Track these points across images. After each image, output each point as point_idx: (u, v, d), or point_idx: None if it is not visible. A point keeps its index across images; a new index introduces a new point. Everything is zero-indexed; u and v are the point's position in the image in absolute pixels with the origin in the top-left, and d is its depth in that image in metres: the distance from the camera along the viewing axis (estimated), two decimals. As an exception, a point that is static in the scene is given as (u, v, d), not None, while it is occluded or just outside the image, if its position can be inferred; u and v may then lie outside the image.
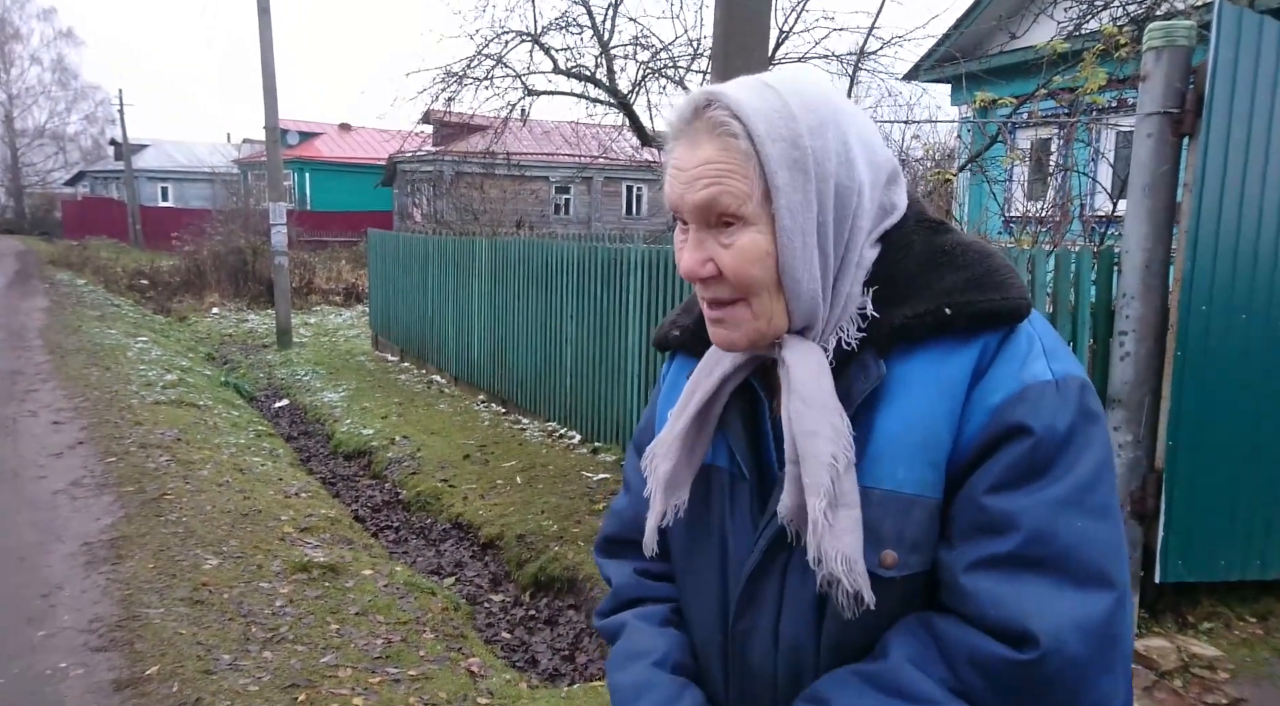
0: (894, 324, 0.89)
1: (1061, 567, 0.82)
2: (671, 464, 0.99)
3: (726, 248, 0.89)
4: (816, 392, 0.88)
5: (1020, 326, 0.89)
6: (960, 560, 0.85)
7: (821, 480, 0.85)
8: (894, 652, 0.87)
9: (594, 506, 5.44)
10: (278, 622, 3.69)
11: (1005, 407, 0.85)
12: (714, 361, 1.00)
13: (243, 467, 6.01)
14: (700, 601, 1.04)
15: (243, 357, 12.52)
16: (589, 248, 7.19)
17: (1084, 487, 0.84)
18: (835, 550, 0.86)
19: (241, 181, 29.76)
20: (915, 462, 0.87)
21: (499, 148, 11.72)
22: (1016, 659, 0.80)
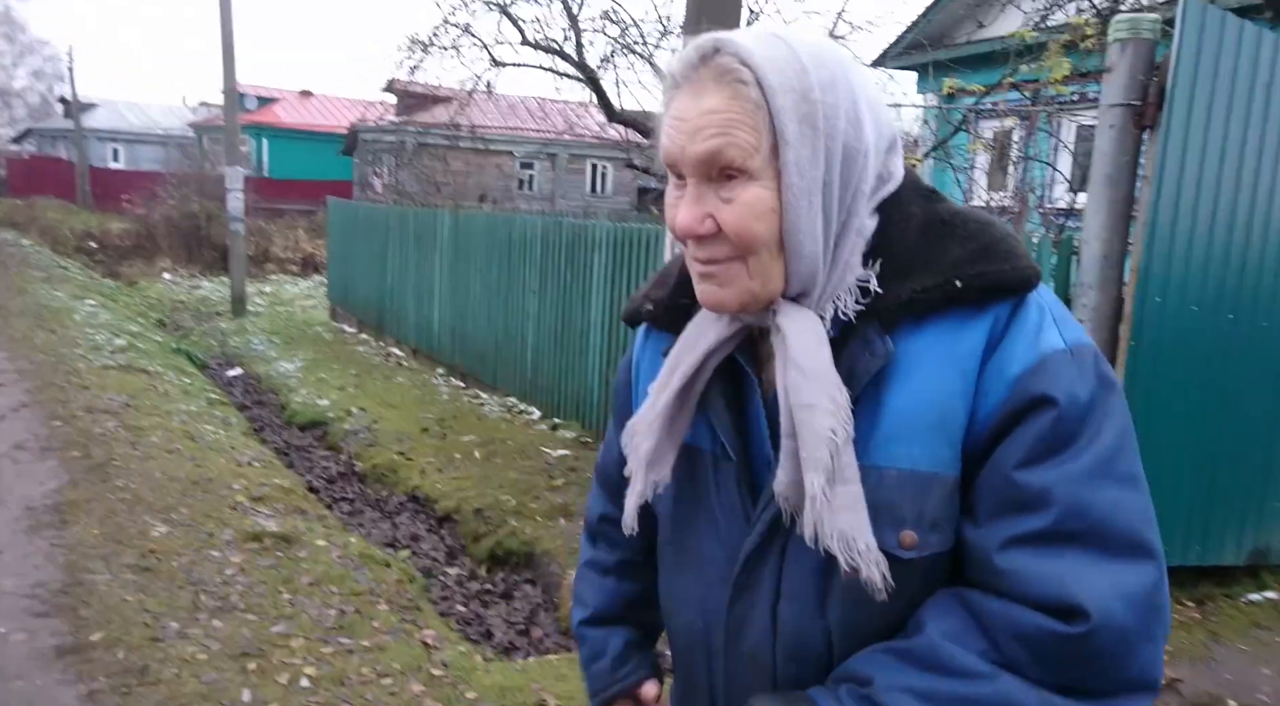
0: (901, 298, 0.85)
1: (1099, 540, 0.80)
2: (653, 442, 0.95)
3: (728, 202, 0.84)
4: (814, 363, 0.84)
5: (1029, 296, 0.86)
6: (993, 538, 0.82)
7: (820, 455, 0.82)
8: (930, 628, 0.84)
9: (552, 482, 5.43)
10: (228, 591, 3.63)
11: (1025, 379, 0.82)
12: (697, 334, 0.95)
13: (194, 435, 5.89)
14: (690, 585, 1.00)
15: (195, 325, 12.26)
16: (553, 223, 7.13)
17: (1111, 456, 0.82)
18: (833, 528, 0.82)
19: (197, 145, 29.00)
20: (931, 440, 0.84)
21: (464, 119, 11.54)
22: (1066, 632, 0.78)
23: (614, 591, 1.22)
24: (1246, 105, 3.65)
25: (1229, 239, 3.69)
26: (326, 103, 32.77)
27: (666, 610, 1.07)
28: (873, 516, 0.84)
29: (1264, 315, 3.78)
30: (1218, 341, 3.70)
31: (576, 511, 4.93)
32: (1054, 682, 0.79)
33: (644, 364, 1.12)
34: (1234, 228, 3.69)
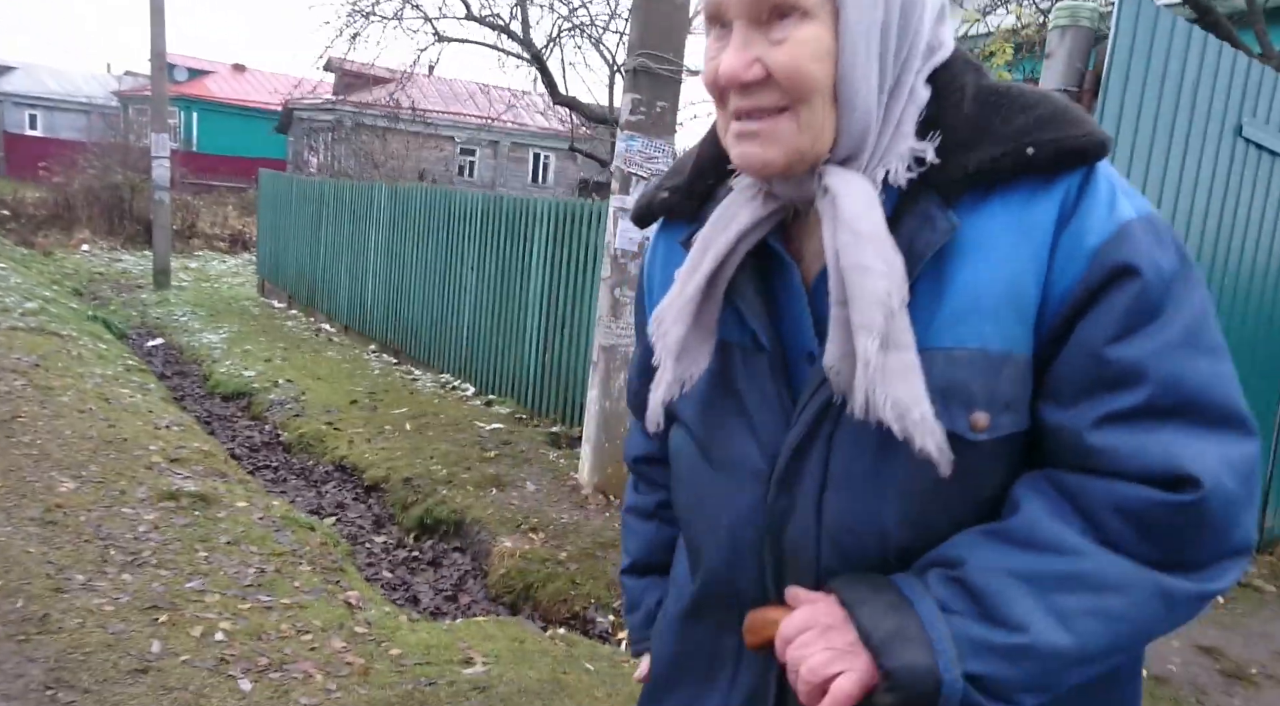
0: (968, 169, 0.79)
1: (1196, 412, 0.76)
2: (683, 329, 0.88)
3: (779, 44, 0.77)
4: (867, 225, 0.78)
5: (1098, 166, 0.81)
6: (1084, 418, 0.78)
7: (874, 319, 0.76)
8: (1025, 508, 0.79)
9: (485, 454, 5.34)
10: (140, 547, 3.46)
11: (1106, 249, 0.78)
12: (728, 216, 0.88)
13: (108, 397, 5.63)
14: (719, 486, 0.93)
15: (114, 296, 11.76)
16: (494, 197, 7.03)
17: (1198, 326, 0.78)
18: (885, 396, 0.76)
19: (122, 115, 27.89)
20: (1002, 317, 0.79)
21: (404, 98, 11.32)
22: (1176, 501, 0.74)
23: (654, 538, 1.17)
24: (1175, 97, 3.78)
25: (1155, 224, 3.81)
26: (261, 78, 31.82)
27: (686, 517, 1.00)
28: (942, 398, 0.78)
29: (1185, 300, 3.92)
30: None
31: (509, 482, 4.86)
32: (1157, 558, 0.76)
33: (658, 264, 1.05)
34: (1161, 212, 3.82)
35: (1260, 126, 4.11)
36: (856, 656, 0.78)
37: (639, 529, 1.19)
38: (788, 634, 0.83)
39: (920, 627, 0.77)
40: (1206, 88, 3.86)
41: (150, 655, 2.68)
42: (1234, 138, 4.02)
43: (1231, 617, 3.92)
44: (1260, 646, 3.69)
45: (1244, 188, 4.11)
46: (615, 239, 4.54)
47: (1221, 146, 3.97)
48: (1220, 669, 3.46)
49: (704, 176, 0.96)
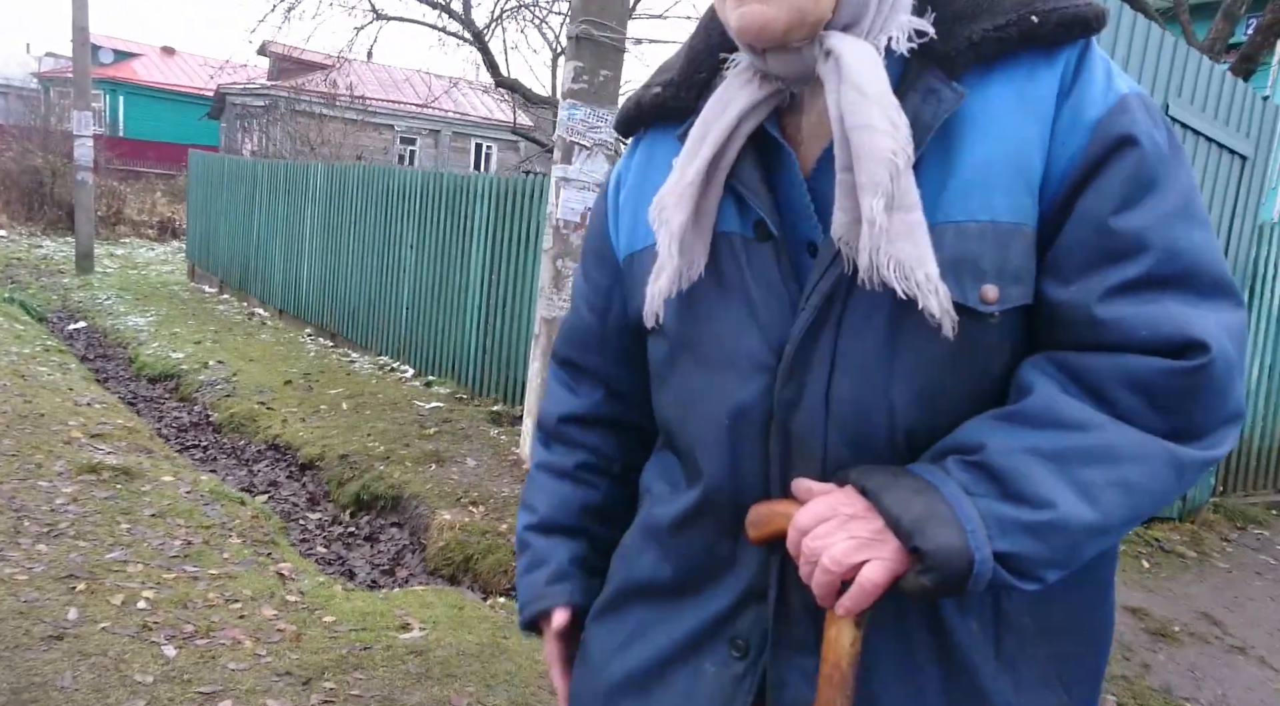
0: (972, 38, 0.79)
1: (1194, 280, 0.77)
2: (685, 216, 0.85)
3: None
4: (872, 85, 0.76)
5: (1092, 43, 0.81)
6: (1090, 292, 0.78)
7: (879, 178, 0.75)
8: (1039, 389, 0.78)
9: (424, 431, 5.24)
10: (57, 519, 3.30)
11: (1108, 121, 0.78)
12: (724, 101, 0.85)
13: (24, 374, 5.38)
14: (717, 382, 0.89)
15: (33, 280, 11.27)
16: (434, 174, 6.91)
17: (1190, 197, 0.79)
18: (889, 256, 0.75)
19: (42, 97, 26.75)
20: (1011, 189, 0.78)
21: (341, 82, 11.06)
22: (1184, 366, 0.75)
23: (569, 497, 1.09)
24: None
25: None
26: (191, 61, 30.82)
27: (677, 423, 0.95)
28: (953, 271, 0.77)
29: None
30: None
31: (448, 458, 4.77)
32: (1167, 427, 0.76)
33: (631, 169, 1.00)
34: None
35: (1185, 106, 4.23)
36: (884, 543, 0.76)
37: (551, 487, 1.10)
38: (804, 524, 0.80)
39: (950, 508, 0.75)
40: (1135, 66, 3.96)
41: (66, 622, 2.55)
42: (1160, 116, 4.13)
43: (1155, 581, 4.05)
44: (1182, 606, 3.82)
45: (1170, 164, 4.23)
46: (558, 209, 4.49)
47: (1149, 123, 4.08)
48: (1145, 627, 3.56)
49: (698, 68, 0.92)
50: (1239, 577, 4.28)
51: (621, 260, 1.01)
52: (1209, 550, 4.59)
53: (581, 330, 1.08)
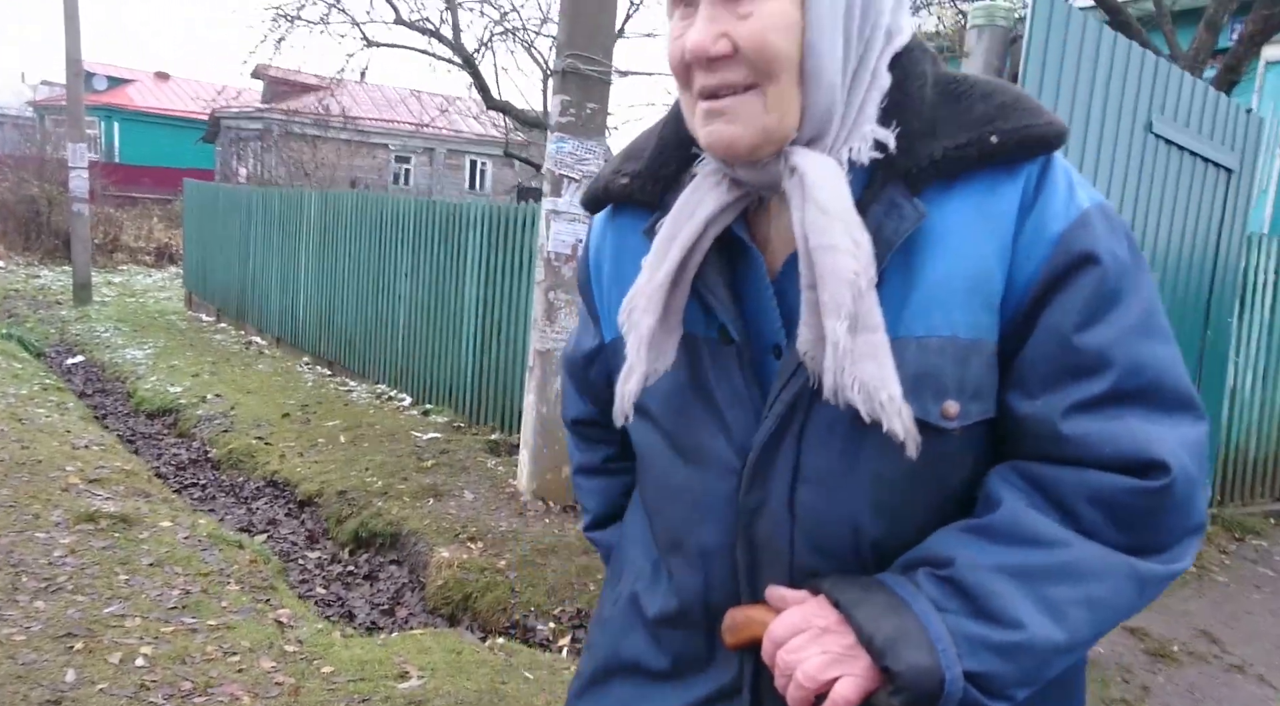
0: (933, 156, 0.80)
1: (1156, 396, 0.79)
2: (654, 319, 0.86)
3: (745, 18, 0.77)
4: (835, 201, 0.78)
5: (1054, 155, 0.83)
6: (1054, 407, 0.79)
7: (842, 299, 0.76)
8: (1005, 502, 0.80)
9: (422, 464, 5.25)
10: (55, 572, 3.31)
11: (1069, 237, 0.79)
12: (694, 202, 0.86)
13: (21, 417, 5.39)
14: (689, 480, 0.92)
15: (30, 313, 11.30)
16: (426, 203, 6.93)
17: (1151, 312, 0.81)
18: (854, 377, 0.76)
19: (38, 126, 26.85)
20: (971, 305, 0.80)
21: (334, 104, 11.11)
22: (1147, 486, 0.76)
23: (607, 489, 1.19)
24: (1089, 94, 3.89)
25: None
26: (185, 86, 30.95)
27: (657, 510, 0.98)
28: (914, 387, 0.78)
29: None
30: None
31: (446, 492, 4.78)
32: (1129, 543, 0.77)
33: (607, 251, 1.02)
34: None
35: (1169, 123, 4.26)
36: (856, 660, 0.77)
37: (594, 486, 1.20)
38: (778, 636, 0.81)
39: (921, 627, 0.76)
40: (1118, 85, 3.99)
41: (64, 685, 2.56)
42: (1145, 133, 4.16)
43: (1156, 598, 4.05)
44: (1181, 624, 3.82)
45: (1154, 181, 4.25)
46: (549, 242, 4.51)
47: (1133, 142, 4.10)
48: (1144, 648, 3.56)
49: (666, 162, 0.94)
50: (1237, 591, 4.28)
51: (606, 344, 1.04)
52: (1208, 563, 4.59)
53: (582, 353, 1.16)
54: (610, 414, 1.02)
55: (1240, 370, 5.22)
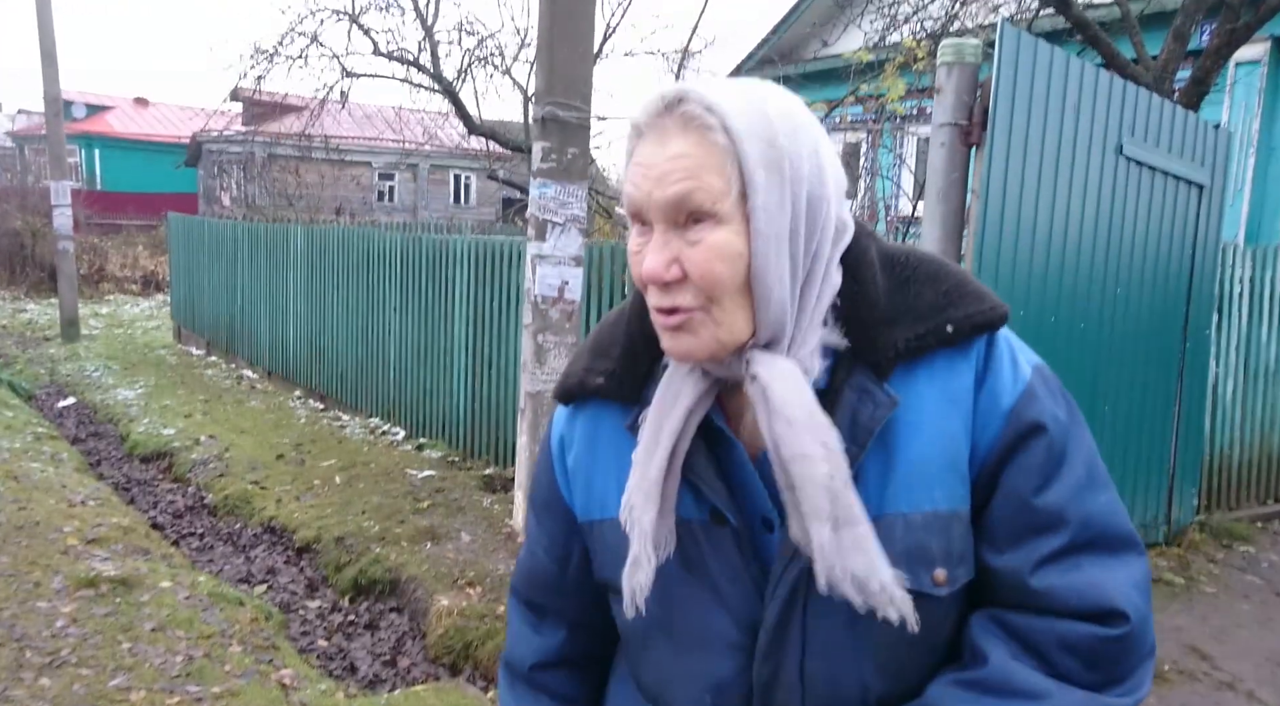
0: (898, 348, 0.87)
1: (1106, 543, 0.88)
2: (655, 512, 0.90)
3: (694, 245, 0.83)
4: (799, 410, 0.83)
5: (996, 333, 0.92)
6: (1023, 563, 0.88)
7: (821, 505, 0.82)
8: (993, 656, 0.87)
9: (418, 505, 5.29)
10: (58, 645, 3.35)
11: (1019, 409, 0.89)
12: (673, 394, 0.91)
13: (17, 475, 5.41)
14: (693, 663, 0.96)
15: (19, 352, 11.28)
16: (413, 238, 6.97)
17: (1091, 464, 0.90)
18: (845, 572, 0.83)
19: (17, 156, 26.74)
20: (947, 479, 0.88)
21: (316, 130, 11.13)
22: (1111, 634, 0.85)
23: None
24: (1059, 123, 3.96)
25: (1048, 248, 3.98)
26: (165, 111, 30.86)
27: (655, 693, 1.01)
28: (905, 560, 0.85)
29: (1080, 317, 4.11)
30: (1041, 342, 3.98)
31: (443, 534, 4.82)
32: (1098, 681, 0.86)
33: (575, 438, 1.04)
34: (1052, 237, 3.99)
35: (1139, 144, 4.33)
36: None
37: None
38: None
39: None
40: (1087, 112, 4.05)
41: (74, 769, 2.60)
42: (1115, 156, 4.23)
43: (1145, 614, 4.11)
44: (1170, 641, 3.88)
45: (1128, 202, 4.33)
46: (535, 285, 4.56)
47: (1105, 165, 4.18)
48: (1136, 669, 3.62)
49: (638, 360, 0.98)
50: (1226, 602, 4.35)
51: (581, 522, 1.05)
52: (1196, 574, 4.66)
53: (541, 574, 1.11)
54: (569, 647, 1.09)
55: (1220, 378, 5.31)
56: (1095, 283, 4.20)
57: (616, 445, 0.99)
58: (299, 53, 9.76)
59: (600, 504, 1.01)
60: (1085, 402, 4.16)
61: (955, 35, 5.50)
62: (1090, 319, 4.17)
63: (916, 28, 6.22)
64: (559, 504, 1.07)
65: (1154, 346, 4.62)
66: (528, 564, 1.13)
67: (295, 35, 9.76)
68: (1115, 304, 4.32)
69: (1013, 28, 3.78)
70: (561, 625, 1.12)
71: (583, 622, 1.11)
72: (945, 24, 6.44)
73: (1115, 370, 4.37)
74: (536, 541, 1.11)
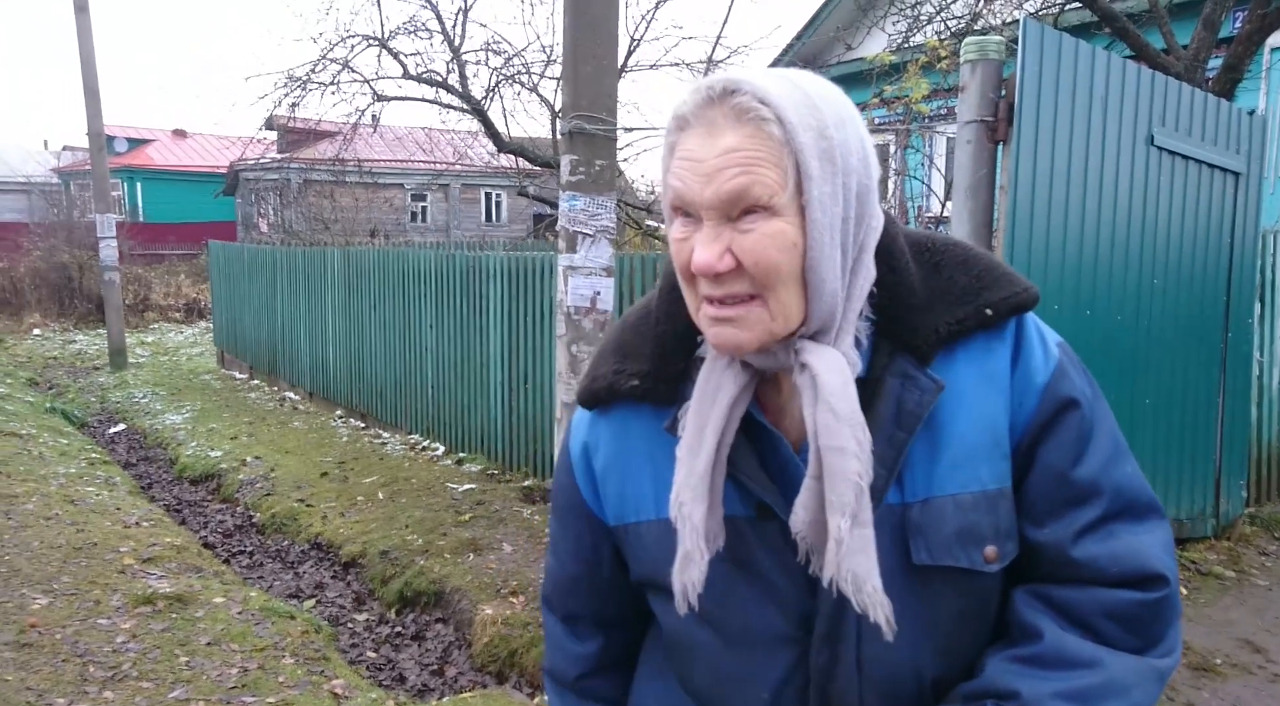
0: (939, 332, 0.89)
1: (1135, 510, 0.92)
2: (705, 507, 0.89)
3: (747, 234, 0.82)
4: (845, 404, 0.84)
5: (1025, 314, 0.94)
6: (1064, 535, 0.90)
7: (847, 499, 0.83)
8: (1047, 630, 0.89)
9: (459, 518, 5.36)
10: (119, 660, 3.45)
11: (1053, 386, 0.91)
12: (713, 388, 0.90)
13: (74, 499, 5.58)
14: (744, 657, 0.96)
15: (71, 382, 11.60)
16: (446, 255, 7.08)
17: (1115, 436, 0.94)
18: (847, 570, 0.84)
19: (64, 192, 27.55)
20: (993, 459, 0.90)
21: (349, 154, 11.36)
22: (1151, 598, 0.89)
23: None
24: (1087, 116, 3.94)
25: (1080, 241, 3.96)
26: (203, 142, 31.63)
27: (712, 696, 1.00)
28: (958, 541, 0.89)
29: (1116, 309, 4.07)
30: (1078, 336, 3.96)
31: (485, 545, 4.89)
32: (1140, 645, 0.89)
33: (607, 450, 1.02)
34: (1084, 230, 3.97)
35: (1171, 134, 4.29)
36: None
37: None
38: None
39: None
40: (1115, 104, 4.03)
41: (138, 777, 2.69)
42: (1147, 147, 4.19)
43: (1195, 608, 4.05)
44: (1223, 635, 3.82)
45: (1161, 192, 4.28)
46: (568, 296, 4.61)
47: (1136, 156, 4.14)
48: (1187, 663, 3.57)
49: (671, 359, 0.97)
50: (1279, 595, 4.27)
51: (613, 526, 1.03)
52: (1247, 567, 4.57)
53: (570, 580, 1.10)
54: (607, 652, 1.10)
55: (1266, 368, 5.21)
56: (1131, 274, 4.16)
57: (649, 447, 0.98)
58: (331, 79, 9.99)
59: (635, 507, 1.00)
60: (1126, 395, 4.12)
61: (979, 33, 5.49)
62: (1127, 311, 4.13)
63: (940, 28, 6.21)
64: (583, 508, 1.05)
65: (1195, 337, 4.55)
66: (556, 572, 1.12)
67: (327, 62, 9.99)
68: (1153, 295, 4.28)
69: (1035, 22, 3.78)
70: (598, 631, 1.12)
71: (617, 623, 1.12)
72: (969, 23, 6.43)
73: (1156, 362, 4.32)
74: (563, 548, 1.10)
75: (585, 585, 1.10)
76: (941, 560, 0.89)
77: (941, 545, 0.89)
